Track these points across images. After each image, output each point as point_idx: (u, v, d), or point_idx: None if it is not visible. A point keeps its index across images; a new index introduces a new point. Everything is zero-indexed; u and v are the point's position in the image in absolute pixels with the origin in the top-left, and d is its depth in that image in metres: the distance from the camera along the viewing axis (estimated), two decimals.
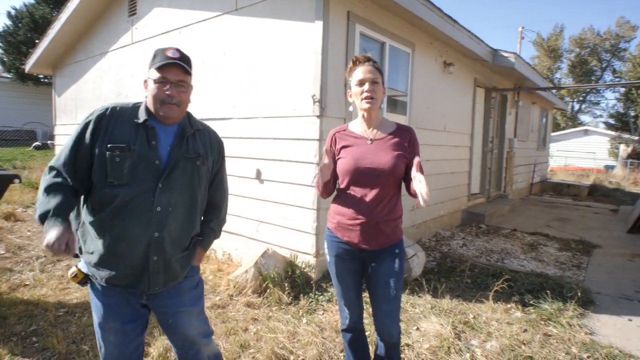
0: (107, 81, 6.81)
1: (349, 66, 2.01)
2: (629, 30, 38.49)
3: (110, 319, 1.66)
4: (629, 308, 3.68)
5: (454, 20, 5.33)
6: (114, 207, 1.58)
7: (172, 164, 1.65)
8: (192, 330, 1.81)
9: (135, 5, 6.03)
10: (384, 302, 1.98)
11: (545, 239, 6.17)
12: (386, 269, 1.95)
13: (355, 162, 1.91)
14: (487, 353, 2.76)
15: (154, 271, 1.63)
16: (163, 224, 1.62)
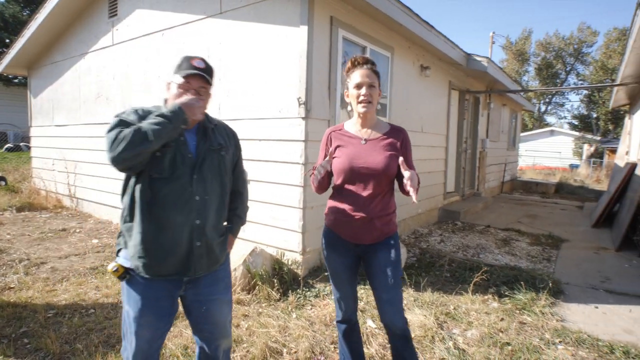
0: (86, 82, 6.69)
1: (347, 66, 2.05)
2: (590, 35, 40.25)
3: (148, 312, 1.71)
4: (595, 296, 3.92)
5: (430, 26, 5.51)
6: (157, 199, 1.67)
7: (202, 156, 1.77)
8: (222, 317, 1.90)
9: (116, 6, 5.96)
10: (383, 292, 2.02)
11: (517, 235, 6.43)
12: (382, 259, 2.01)
13: (349, 161, 1.97)
14: (468, 341, 2.91)
15: (198, 256, 1.74)
16: (202, 210, 1.74)
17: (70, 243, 5.25)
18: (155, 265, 1.69)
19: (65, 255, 4.76)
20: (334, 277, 2.15)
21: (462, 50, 6.81)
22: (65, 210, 7.17)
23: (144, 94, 5.60)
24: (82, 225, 6.15)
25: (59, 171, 7.51)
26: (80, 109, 6.87)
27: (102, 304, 3.45)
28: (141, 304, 1.70)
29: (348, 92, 2.05)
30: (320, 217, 4.20)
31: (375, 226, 1.99)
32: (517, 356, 2.69)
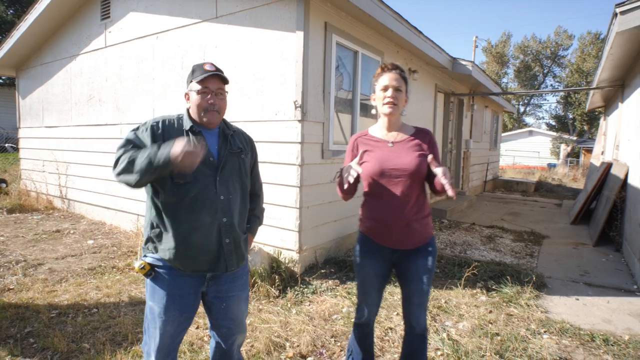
0: (78, 84, 6.63)
1: (377, 72, 2.07)
2: (566, 39, 41.35)
3: (172, 307, 1.77)
4: (576, 289, 4.12)
5: (419, 31, 5.66)
6: (184, 202, 1.74)
7: (224, 159, 1.85)
8: (240, 313, 1.97)
9: (108, 9, 5.93)
10: (416, 297, 2.03)
11: (501, 232, 6.64)
12: (420, 266, 2.00)
13: (379, 164, 1.97)
14: (461, 332, 3.05)
15: (228, 252, 1.83)
16: (227, 209, 1.82)
17: (66, 244, 5.22)
18: (190, 264, 1.77)
19: (62, 256, 4.74)
20: (364, 283, 2.10)
21: (448, 54, 7.00)
22: (56, 212, 7.09)
23: (138, 96, 5.59)
24: (75, 227, 6.11)
25: (50, 172, 7.41)
26: (72, 110, 6.80)
27: (104, 304, 3.47)
28: (166, 300, 1.76)
29: (374, 96, 2.06)
30: (316, 216, 4.31)
31: (415, 229, 1.97)
32: (507, 345, 2.83)
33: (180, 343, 1.92)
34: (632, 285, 4.21)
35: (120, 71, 5.85)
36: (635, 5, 3.71)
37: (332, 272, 4.25)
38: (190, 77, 1.84)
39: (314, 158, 4.22)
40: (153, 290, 1.80)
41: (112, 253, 4.94)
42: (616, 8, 3.83)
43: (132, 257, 4.77)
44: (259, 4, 4.20)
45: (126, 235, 5.70)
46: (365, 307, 2.13)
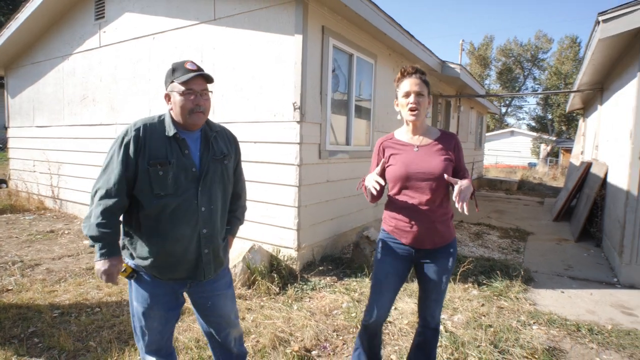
0: (70, 84, 6.55)
1: (397, 76, 2.05)
2: (546, 42, 42.31)
3: (156, 307, 1.79)
4: (561, 282, 4.29)
5: (410, 35, 5.78)
6: (164, 214, 1.70)
7: (205, 168, 1.78)
8: (226, 309, 1.98)
9: (103, 9, 5.88)
10: (434, 294, 2.07)
11: (488, 229, 6.83)
12: (441, 266, 2.03)
13: (405, 168, 1.97)
14: (456, 325, 3.16)
15: (206, 262, 1.81)
16: (208, 220, 1.79)
17: (61, 244, 5.18)
18: (168, 273, 1.77)
19: (59, 256, 4.70)
20: (380, 281, 2.10)
21: (438, 57, 7.14)
22: (48, 212, 6.99)
23: (134, 97, 5.57)
24: (69, 227, 6.04)
25: (41, 172, 7.30)
26: (65, 110, 6.72)
27: (106, 303, 3.48)
28: (149, 300, 1.78)
29: (397, 102, 2.06)
30: (313, 215, 4.39)
31: (438, 230, 1.99)
32: (500, 336, 2.95)
33: (171, 336, 1.95)
34: (613, 278, 4.40)
35: (115, 71, 5.81)
36: (615, 14, 3.89)
37: (329, 269, 4.33)
38: (171, 77, 1.75)
39: (312, 158, 4.29)
40: (137, 291, 1.80)
41: None
42: (599, 16, 4.00)
43: None
44: (258, 7, 4.25)
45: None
46: (376, 307, 2.08)
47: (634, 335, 3.07)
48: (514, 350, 2.76)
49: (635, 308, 3.64)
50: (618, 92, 5.38)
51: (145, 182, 1.68)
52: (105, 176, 1.67)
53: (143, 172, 1.68)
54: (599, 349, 2.89)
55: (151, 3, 5.25)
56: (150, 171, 1.67)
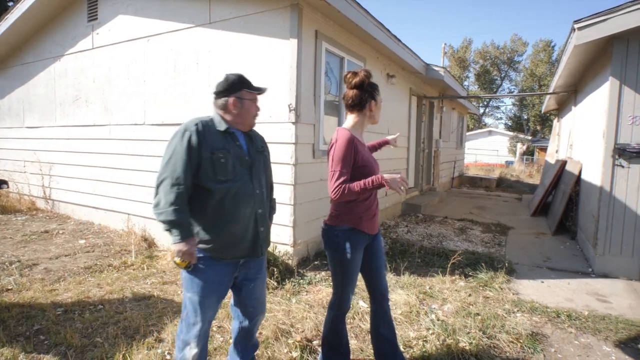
0: (62, 84, 6.46)
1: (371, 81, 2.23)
2: (521, 45, 43.34)
3: (212, 294, 1.93)
4: (540, 273, 4.49)
5: (398, 39, 5.92)
6: (228, 197, 1.90)
7: (253, 157, 2.04)
8: (263, 293, 2.18)
9: (95, 11, 5.83)
10: (382, 268, 2.35)
11: (471, 224, 7.03)
12: (380, 244, 2.37)
13: (373, 165, 2.19)
14: (446, 313, 3.30)
15: (262, 239, 2.03)
16: (261, 201, 2.03)
17: (57, 244, 5.13)
18: (231, 251, 1.94)
19: (56, 256, 4.67)
20: (354, 274, 2.23)
21: (423, 60, 7.31)
22: (40, 213, 6.88)
23: (129, 98, 5.54)
24: (63, 227, 5.98)
25: (32, 173, 7.17)
26: (56, 110, 6.62)
27: (109, 300, 3.49)
28: (207, 288, 1.91)
29: (376, 104, 2.24)
30: (308, 212, 4.47)
31: (378, 215, 2.31)
32: (487, 323, 3.10)
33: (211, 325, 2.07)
34: (588, 268, 4.63)
35: (109, 72, 5.77)
36: (590, 22, 4.09)
37: (323, 264, 4.42)
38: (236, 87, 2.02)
39: (307, 158, 4.38)
40: (191, 282, 1.92)
41: (105, 252, 4.90)
42: (574, 24, 4.20)
43: (126, 256, 4.77)
44: (253, 11, 4.30)
45: (117, 234, 5.65)
46: (351, 296, 2.31)
47: (608, 320, 3.26)
48: (501, 336, 2.91)
49: (609, 295, 3.85)
50: (591, 95, 5.63)
51: (209, 168, 1.87)
52: (170, 166, 1.83)
53: (206, 160, 1.86)
54: (577, 333, 3.07)
55: (145, 6, 5.24)
56: (213, 159, 1.87)
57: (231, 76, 2.03)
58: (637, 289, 4.01)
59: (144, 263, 4.52)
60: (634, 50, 4.13)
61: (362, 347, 2.77)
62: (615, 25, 4.00)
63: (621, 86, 4.18)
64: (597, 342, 2.94)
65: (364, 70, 2.21)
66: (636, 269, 4.23)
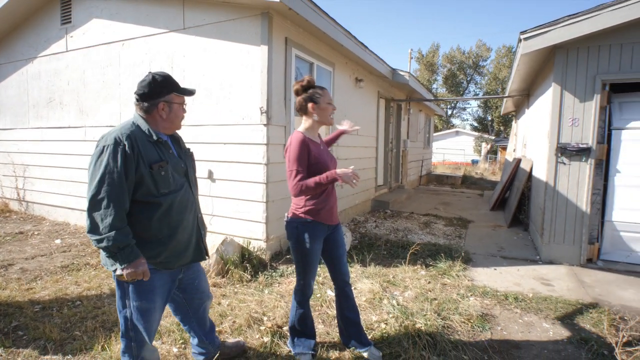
0: (36, 87, 6.32)
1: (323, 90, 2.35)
2: (485, 50, 44.75)
3: (159, 299, 1.92)
4: (494, 262, 4.77)
5: (365, 46, 6.11)
6: (172, 207, 1.86)
7: (185, 161, 2.03)
8: (206, 284, 2.26)
9: (69, 14, 5.75)
10: (343, 257, 2.52)
11: (435, 218, 7.32)
12: (341, 235, 2.53)
13: (327, 162, 2.32)
14: (407, 299, 3.50)
15: (203, 240, 2.06)
16: (198, 205, 2.09)
17: (33, 245, 5.04)
18: (178, 260, 1.94)
19: (32, 256, 4.60)
20: (314, 263, 2.38)
21: (389, 65, 7.55)
22: (14, 214, 6.69)
23: (104, 101, 5.50)
24: (38, 228, 5.86)
25: (4, 175, 6.97)
26: (29, 112, 6.47)
27: (87, 296, 3.51)
28: (154, 295, 1.87)
29: (316, 106, 2.29)
30: (280, 209, 4.59)
31: (336, 210, 2.47)
32: (443, 306, 3.31)
33: None
34: (536, 256, 4.96)
35: (83, 75, 5.70)
36: (534, 33, 4.40)
37: None
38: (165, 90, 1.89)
39: (278, 157, 4.50)
40: (136, 292, 1.83)
41: (82, 251, 4.87)
42: (520, 35, 4.50)
43: None
44: (226, 18, 4.38)
45: None
46: (312, 282, 2.46)
47: (549, 301, 3.55)
48: (454, 317, 3.13)
49: (552, 279, 4.16)
50: (540, 98, 6.00)
51: (151, 183, 1.77)
52: (104, 185, 1.64)
53: (147, 176, 1.75)
54: (521, 313, 3.33)
55: (120, 10, 5.22)
56: (153, 174, 1.77)
57: (158, 77, 1.84)
58: (577, 273, 4.34)
59: None
60: (572, 59, 4.46)
61: (329, 331, 2.92)
62: (556, 36, 4.32)
63: (562, 91, 4.52)
64: (539, 320, 3.21)
65: (305, 78, 2.33)
66: (577, 255, 4.58)
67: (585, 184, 4.46)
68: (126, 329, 1.91)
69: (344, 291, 2.57)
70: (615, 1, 4.01)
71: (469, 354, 2.64)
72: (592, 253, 4.54)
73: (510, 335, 2.97)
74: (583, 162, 4.46)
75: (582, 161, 4.46)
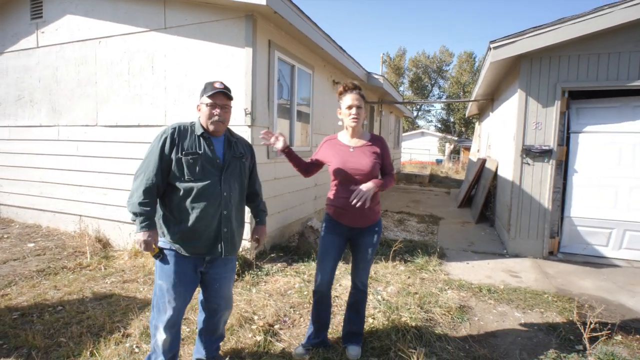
0: (3, 83, 5.92)
1: (339, 90, 2.37)
2: (448, 56, 46.17)
3: (179, 284, 1.98)
4: (466, 256, 4.97)
5: (343, 50, 6.16)
6: (193, 195, 1.96)
7: (228, 161, 2.08)
8: (228, 292, 2.23)
9: (40, 8, 5.42)
10: (362, 263, 2.44)
11: (408, 216, 7.51)
12: (367, 241, 2.40)
13: (342, 164, 2.30)
14: (390, 294, 3.58)
15: (225, 240, 2.05)
16: (227, 204, 2.05)
17: (3, 249, 4.73)
18: (193, 246, 1.99)
19: (3, 260, 4.32)
20: (323, 253, 2.41)
21: (365, 69, 7.65)
22: None
23: (79, 99, 5.24)
24: (7, 231, 5.50)
25: None
26: None
27: (68, 301, 3.34)
28: (173, 278, 1.97)
29: (341, 111, 2.38)
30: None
31: (366, 213, 2.33)
32: (424, 300, 3.42)
33: (183, 316, 2.11)
34: (503, 250, 5.20)
35: (56, 73, 5.39)
36: (503, 43, 4.60)
37: (279, 256, 4.54)
38: (203, 92, 2.09)
39: (262, 158, 4.46)
40: (161, 270, 2.01)
41: (57, 254, 4.62)
42: (490, 44, 4.70)
43: (80, 257, 4.54)
44: (208, 19, 4.29)
45: (68, 236, 5.32)
46: (320, 273, 2.44)
47: (519, 292, 3.74)
48: (435, 310, 3.23)
49: (520, 272, 4.38)
50: (505, 103, 6.29)
51: (177, 169, 1.97)
52: (145, 164, 1.97)
53: (177, 161, 1.97)
54: (495, 304, 3.49)
55: (96, 7, 4.98)
56: (183, 160, 1.97)
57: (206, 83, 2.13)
58: (541, 265, 4.60)
59: (101, 263, 4.34)
60: (536, 68, 4.71)
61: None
62: (522, 46, 4.55)
63: (527, 97, 4.76)
64: (511, 310, 3.37)
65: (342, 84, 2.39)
66: (540, 249, 4.84)
67: (547, 182, 4.72)
68: (154, 301, 2.06)
69: (353, 296, 2.58)
70: (574, 15, 4.27)
71: (452, 344, 2.74)
72: (553, 246, 4.82)
73: (486, 325, 3.11)
74: (545, 162, 4.72)
75: (545, 162, 4.72)
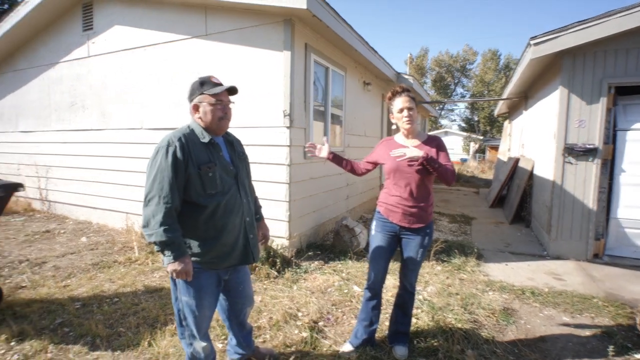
0: (57, 91, 6.18)
1: (388, 95, 2.34)
2: (472, 54, 44.79)
3: (207, 297, 1.85)
4: (503, 257, 4.75)
5: (374, 51, 6.05)
6: (219, 209, 1.79)
7: (236, 165, 1.92)
8: (250, 290, 2.17)
9: (91, 21, 5.62)
10: (411, 264, 2.37)
11: (439, 215, 7.30)
12: (418, 242, 2.32)
13: (396, 164, 2.27)
14: (430, 294, 3.46)
15: (253, 245, 1.95)
16: (248, 210, 1.95)
17: (61, 243, 4.94)
18: (224, 261, 1.86)
19: (62, 254, 4.50)
20: (375, 252, 2.37)
21: (394, 69, 7.49)
22: (37, 213, 6.56)
23: (122, 105, 5.39)
24: (63, 227, 5.74)
25: (27, 176, 6.82)
26: (52, 115, 6.33)
27: (123, 293, 3.43)
28: (200, 292, 1.82)
29: (393, 115, 2.34)
30: (301, 208, 4.53)
31: (415, 214, 2.28)
32: (466, 301, 3.28)
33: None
34: (543, 251, 4.94)
35: (105, 80, 5.58)
36: (544, 39, 4.36)
37: (316, 255, 4.50)
38: (200, 90, 1.82)
39: (299, 159, 4.43)
40: (186, 288, 1.81)
41: (108, 249, 4.77)
42: (530, 40, 4.47)
43: (129, 252, 4.66)
44: (248, 25, 4.30)
45: (117, 232, 5.49)
46: (372, 272, 2.39)
47: (565, 295, 3.53)
48: (479, 312, 3.09)
49: (563, 274, 4.14)
50: (542, 100, 5.98)
51: (198, 184, 1.74)
52: (157, 184, 1.66)
53: (194, 176, 1.72)
54: (540, 307, 3.30)
55: (142, 17, 5.10)
56: (201, 174, 1.74)
57: (196, 80, 1.86)
58: (585, 268, 4.34)
59: (148, 258, 4.44)
60: (579, 64, 4.44)
61: None
62: (565, 41, 4.29)
63: (569, 94, 4.49)
64: (558, 314, 3.18)
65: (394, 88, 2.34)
66: (583, 251, 4.57)
67: (592, 182, 4.44)
68: (179, 319, 1.91)
69: (401, 297, 2.51)
70: (623, 8, 3.99)
71: (500, 348, 2.61)
72: (598, 248, 4.53)
73: (534, 328, 2.94)
74: (590, 161, 4.44)
75: (589, 161, 4.44)
